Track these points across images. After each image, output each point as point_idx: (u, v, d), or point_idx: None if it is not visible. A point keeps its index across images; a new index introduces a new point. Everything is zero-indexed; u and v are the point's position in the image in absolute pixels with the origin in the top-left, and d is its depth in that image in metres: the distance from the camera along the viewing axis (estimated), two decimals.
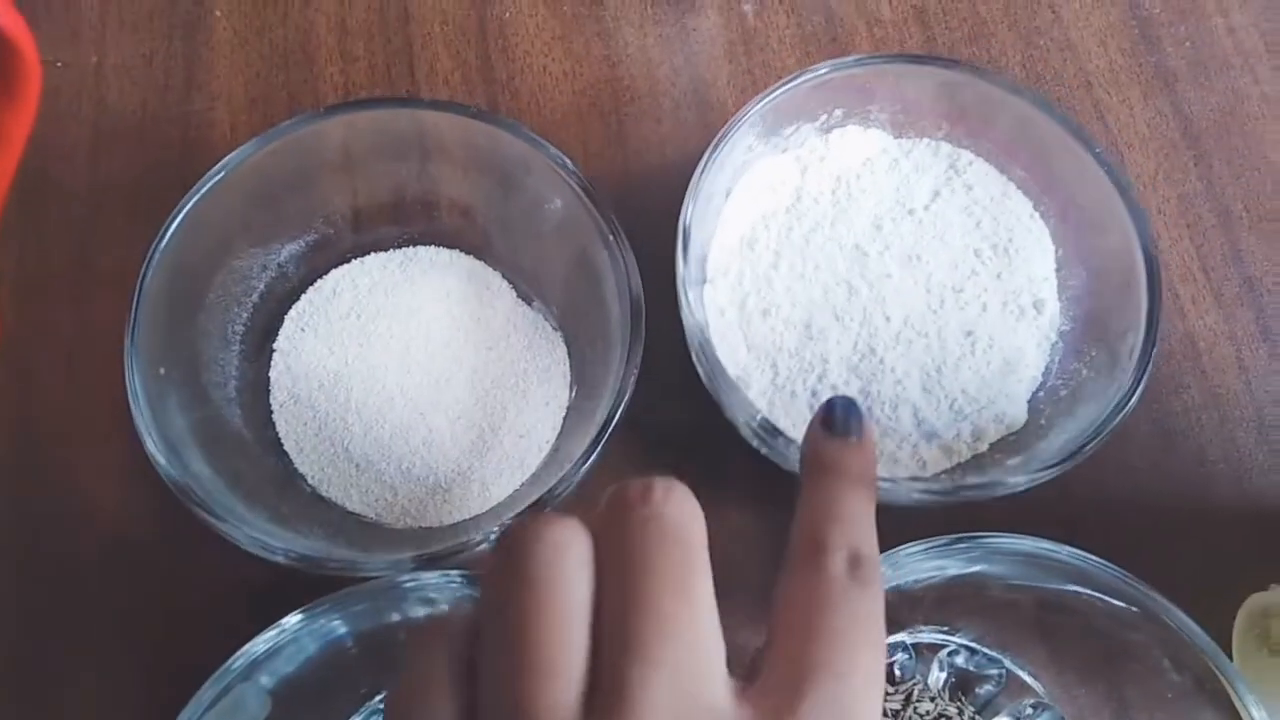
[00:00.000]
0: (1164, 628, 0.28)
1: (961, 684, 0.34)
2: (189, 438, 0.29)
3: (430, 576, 0.27)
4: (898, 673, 0.33)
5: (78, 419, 0.36)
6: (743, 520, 0.36)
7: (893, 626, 0.33)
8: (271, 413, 0.34)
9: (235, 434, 0.32)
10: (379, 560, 0.28)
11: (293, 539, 0.29)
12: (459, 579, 0.28)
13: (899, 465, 0.34)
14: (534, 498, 0.29)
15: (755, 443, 0.33)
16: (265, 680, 0.28)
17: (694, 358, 0.33)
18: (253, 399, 0.33)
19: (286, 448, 0.33)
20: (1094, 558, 0.29)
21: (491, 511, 0.32)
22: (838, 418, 0.24)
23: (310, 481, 0.33)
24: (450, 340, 0.35)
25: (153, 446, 0.28)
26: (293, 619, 0.27)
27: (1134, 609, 0.28)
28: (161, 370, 0.29)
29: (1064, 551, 0.29)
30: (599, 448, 0.30)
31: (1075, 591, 0.29)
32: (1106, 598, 0.29)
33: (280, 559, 0.28)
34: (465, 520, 0.32)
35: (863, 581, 0.20)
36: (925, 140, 0.37)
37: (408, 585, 0.28)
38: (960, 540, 0.29)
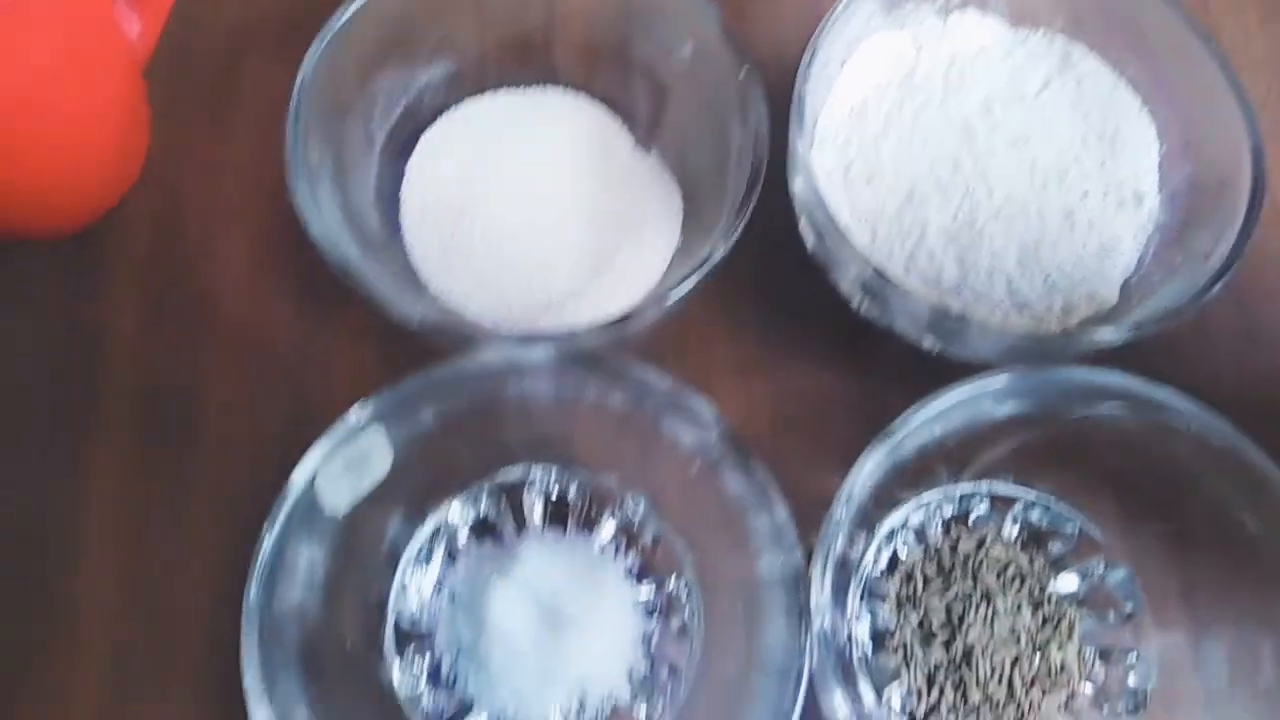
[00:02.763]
0: (1248, 475, 0.29)
1: (1034, 540, 0.35)
2: (339, 227, 0.32)
3: (537, 354, 0.30)
4: (972, 520, 0.35)
5: (218, 229, 0.39)
6: (835, 382, 0.38)
7: (972, 473, 0.35)
8: (401, 225, 0.36)
9: (373, 233, 0.34)
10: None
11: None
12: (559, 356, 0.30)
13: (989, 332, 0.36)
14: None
15: (856, 300, 0.35)
16: (386, 440, 0.30)
17: (801, 217, 0.35)
18: (387, 209, 0.36)
19: (413, 259, 0.36)
20: (1184, 396, 0.30)
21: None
22: None
23: (433, 290, 0.35)
24: (571, 177, 0.37)
25: (315, 226, 0.31)
26: (413, 381, 0.29)
27: (1218, 455, 0.30)
28: (314, 157, 0.32)
29: (1161, 392, 0.30)
30: (696, 277, 0.31)
31: (1159, 438, 0.31)
32: (1189, 442, 0.30)
33: (416, 320, 0.30)
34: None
35: None
36: (1041, 31, 0.39)
37: (518, 359, 0.30)
38: (1040, 371, 0.30)
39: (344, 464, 0.29)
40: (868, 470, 0.29)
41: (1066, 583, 0.34)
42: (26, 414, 0.37)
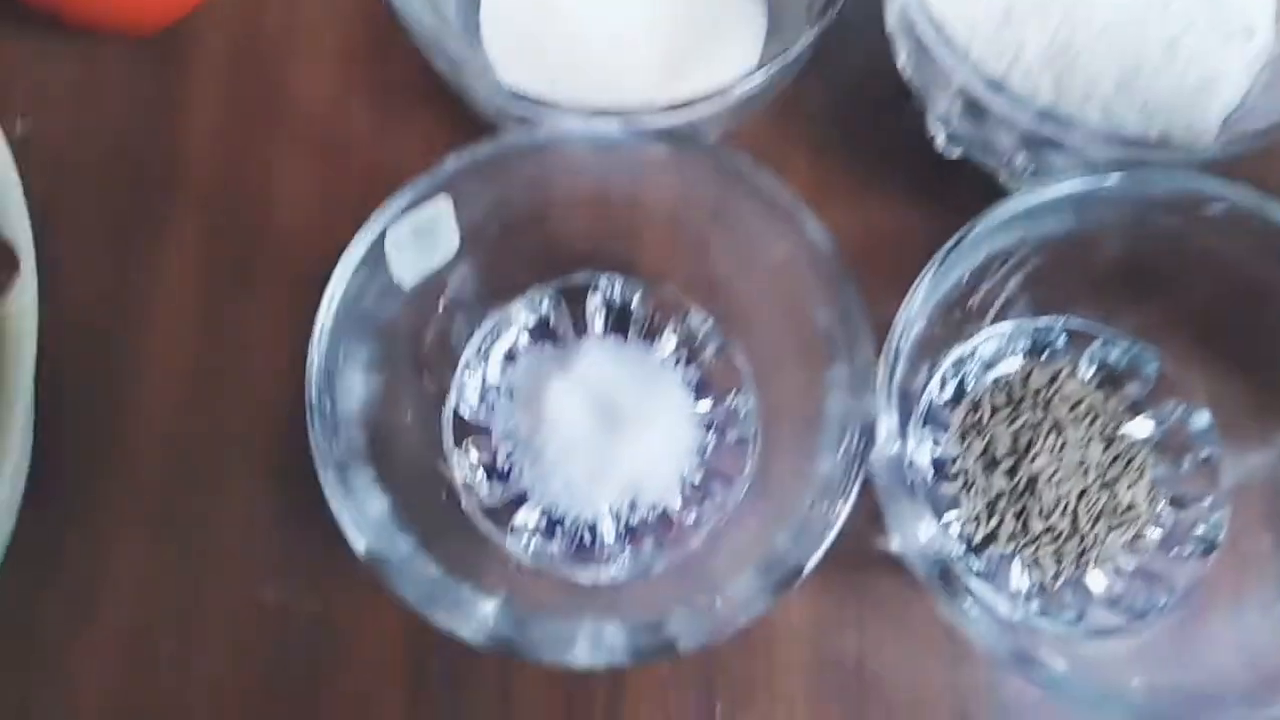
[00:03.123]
0: None
1: (1110, 382, 0.34)
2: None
3: (610, 129, 0.29)
4: (1046, 356, 0.34)
5: (300, 30, 0.39)
6: (911, 219, 0.37)
7: (1048, 308, 0.33)
8: (480, 22, 0.36)
9: (453, 29, 0.34)
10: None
11: None
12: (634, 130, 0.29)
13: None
14: None
15: (944, 127, 0.34)
16: (454, 216, 0.30)
17: (895, 35, 0.34)
18: (466, 7, 0.36)
19: (490, 56, 0.35)
20: None
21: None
22: None
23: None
24: None
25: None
26: (486, 145, 0.29)
27: None
28: None
29: (1270, 205, 0.28)
30: (776, 68, 0.30)
31: (1258, 266, 0.29)
32: None
33: (493, 106, 0.30)
34: None
35: None
36: None
37: (590, 132, 0.29)
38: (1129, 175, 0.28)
39: (412, 230, 0.29)
40: (930, 282, 0.28)
41: (1141, 428, 0.33)
42: (103, 208, 0.38)
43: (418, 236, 0.29)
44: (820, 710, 0.32)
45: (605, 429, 0.32)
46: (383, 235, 0.28)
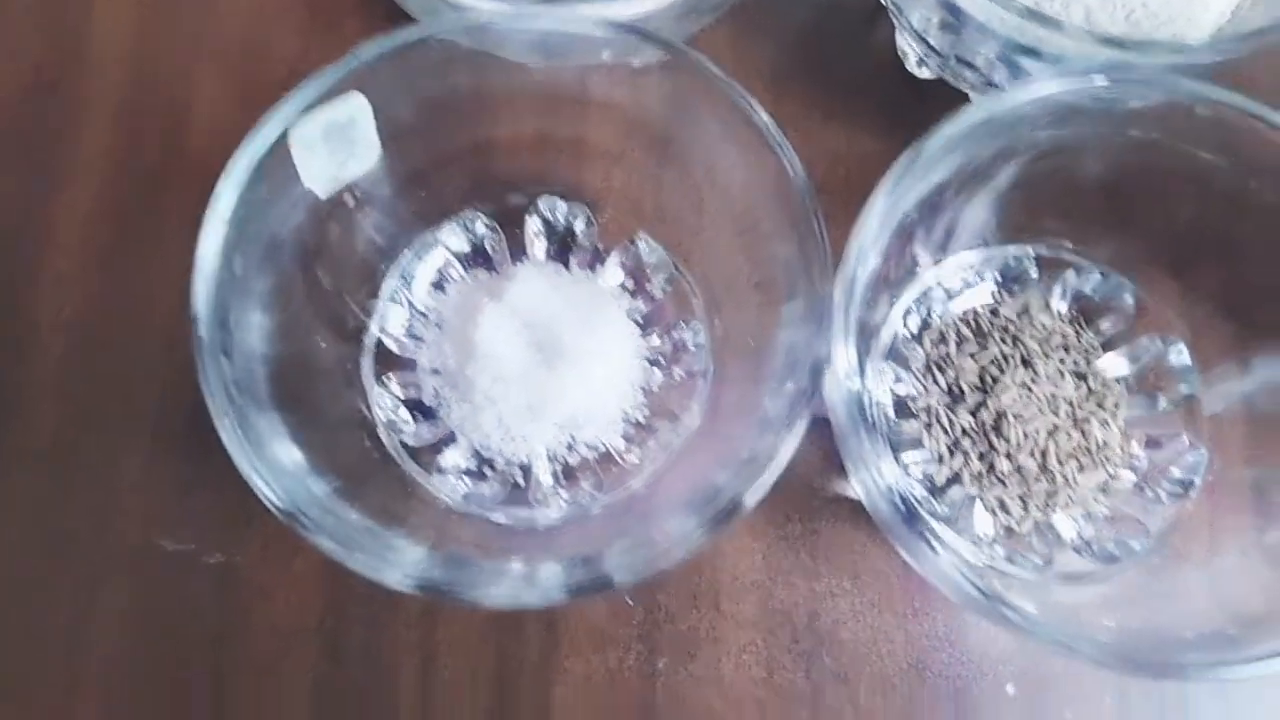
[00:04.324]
0: None
1: (1085, 315, 0.31)
2: None
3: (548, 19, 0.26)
4: (1015, 286, 0.31)
5: None
6: (878, 147, 0.34)
7: (1019, 235, 0.31)
8: None
9: None
10: None
11: None
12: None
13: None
14: None
15: (918, 46, 0.31)
16: (372, 124, 0.27)
17: None
18: None
19: None
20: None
21: None
22: None
23: None
24: None
25: None
26: (407, 31, 0.26)
27: None
28: None
29: (1254, 104, 0.26)
30: None
31: (1239, 182, 0.27)
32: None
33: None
34: None
35: None
36: None
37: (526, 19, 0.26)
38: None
39: (322, 130, 0.25)
40: (887, 199, 0.25)
41: (1116, 365, 0.31)
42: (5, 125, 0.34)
43: (329, 139, 0.26)
44: (770, 662, 0.30)
45: (541, 362, 0.29)
46: (284, 136, 0.25)
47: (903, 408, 0.30)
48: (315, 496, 0.25)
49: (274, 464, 0.24)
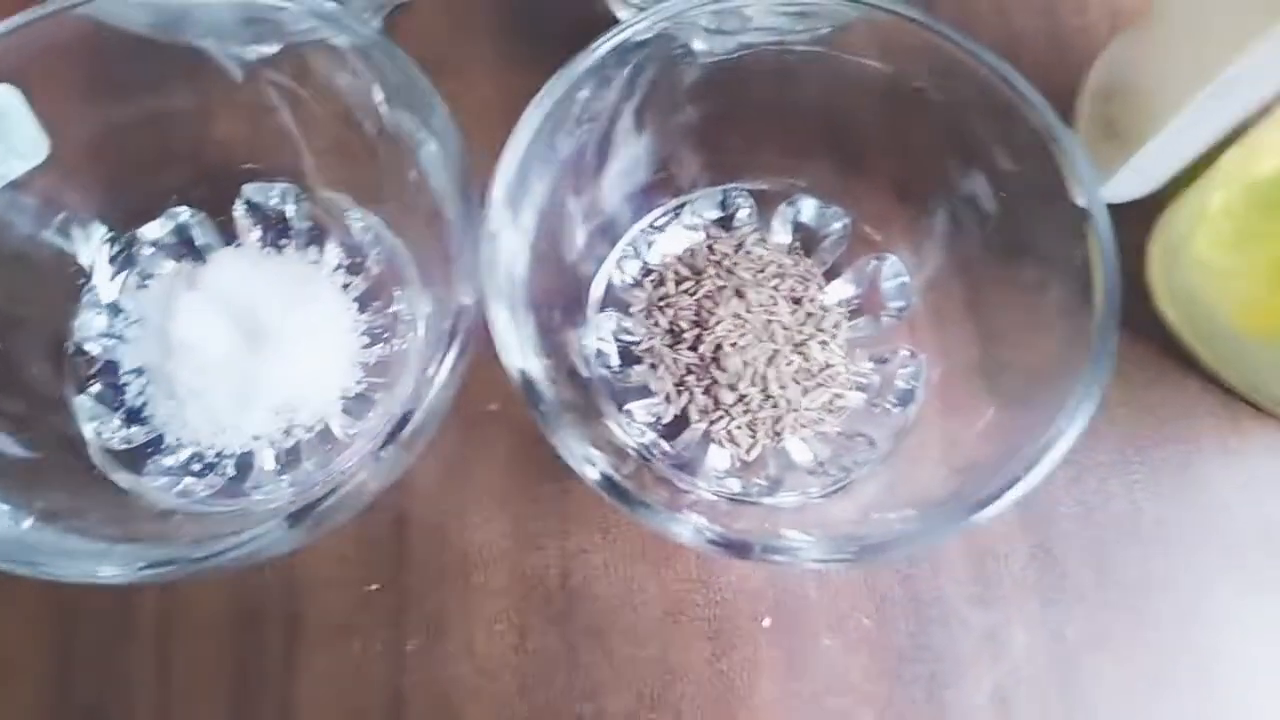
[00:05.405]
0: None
1: (805, 244, 0.32)
2: None
3: None
4: (734, 223, 0.32)
5: None
6: None
7: (734, 174, 0.31)
8: None
9: None
10: None
11: None
12: None
13: None
14: None
15: None
16: (30, 113, 0.26)
17: None
18: None
19: None
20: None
21: None
22: None
23: None
24: None
25: None
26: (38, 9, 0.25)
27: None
28: None
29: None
30: None
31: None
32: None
33: None
34: None
35: None
36: None
37: None
38: None
39: None
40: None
41: (843, 290, 0.31)
42: None
43: None
44: (524, 628, 0.29)
45: (247, 349, 0.28)
46: None
47: (628, 354, 0.30)
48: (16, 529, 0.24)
49: None
